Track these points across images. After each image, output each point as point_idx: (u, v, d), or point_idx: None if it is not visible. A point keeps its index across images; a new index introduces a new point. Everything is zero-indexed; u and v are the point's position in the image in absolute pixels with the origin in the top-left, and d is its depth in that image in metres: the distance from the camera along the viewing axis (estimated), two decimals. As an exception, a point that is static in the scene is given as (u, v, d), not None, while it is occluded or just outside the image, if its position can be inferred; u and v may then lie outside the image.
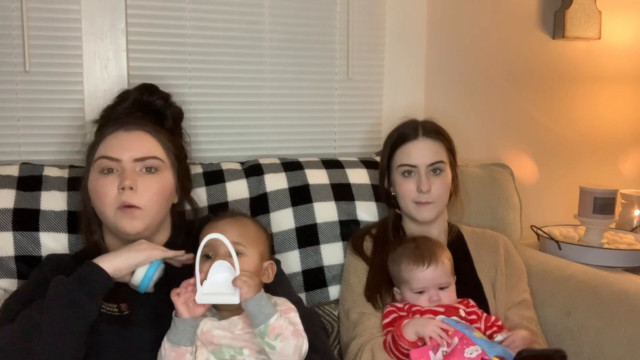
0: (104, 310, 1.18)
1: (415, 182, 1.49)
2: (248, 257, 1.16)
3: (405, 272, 1.38)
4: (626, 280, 1.59)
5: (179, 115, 1.43)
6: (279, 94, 1.87)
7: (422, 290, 1.37)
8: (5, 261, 1.38)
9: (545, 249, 1.94)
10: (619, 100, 2.34)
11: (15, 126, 1.63)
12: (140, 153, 1.24)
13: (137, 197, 1.21)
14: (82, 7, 1.63)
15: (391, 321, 1.37)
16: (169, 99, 1.42)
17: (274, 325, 1.07)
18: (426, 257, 1.37)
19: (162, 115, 1.39)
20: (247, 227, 1.20)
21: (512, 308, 1.50)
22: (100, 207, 1.23)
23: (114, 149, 1.24)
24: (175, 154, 1.33)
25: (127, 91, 1.40)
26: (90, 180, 1.25)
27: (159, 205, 1.26)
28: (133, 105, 1.36)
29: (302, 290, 1.59)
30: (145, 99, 1.37)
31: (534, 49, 2.19)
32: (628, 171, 2.39)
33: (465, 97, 2.12)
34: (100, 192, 1.22)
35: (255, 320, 1.07)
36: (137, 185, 1.21)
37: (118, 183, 1.21)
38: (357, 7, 1.91)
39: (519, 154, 2.21)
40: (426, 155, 1.49)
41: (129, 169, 1.22)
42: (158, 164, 1.26)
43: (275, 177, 1.64)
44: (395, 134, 1.56)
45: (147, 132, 1.28)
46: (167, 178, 1.28)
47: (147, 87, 1.41)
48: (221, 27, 1.78)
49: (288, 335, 1.08)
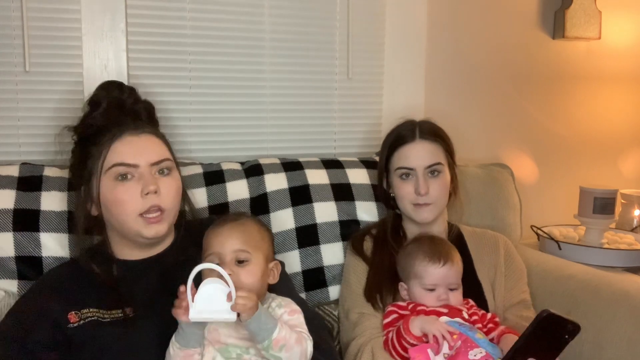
0: (107, 319, 1.19)
1: (413, 184, 1.49)
2: (254, 264, 1.15)
3: (419, 267, 1.38)
4: (626, 280, 1.59)
5: (150, 107, 1.39)
6: (279, 94, 1.87)
7: (432, 288, 1.37)
8: (5, 261, 1.37)
9: (545, 249, 1.94)
10: (618, 101, 2.34)
11: (15, 126, 1.63)
12: (156, 157, 1.24)
13: (161, 200, 1.22)
14: (82, 7, 1.63)
15: (392, 321, 1.37)
16: (136, 92, 1.38)
17: (277, 339, 1.07)
18: (443, 255, 1.38)
19: (136, 112, 1.34)
20: (251, 230, 1.19)
21: (511, 308, 1.50)
22: (121, 215, 1.21)
23: (128, 155, 1.22)
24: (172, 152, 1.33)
25: (95, 95, 1.34)
26: (105, 189, 1.22)
27: (178, 205, 1.28)
28: (108, 106, 1.31)
29: (302, 290, 1.59)
30: (117, 96, 1.33)
31: (534, 49, 2.19)
32: (628, 171, 2.39)
33: (465, 97, 2.12)
34: (120, 200, 1.20)
35: (258, 337, 1.07)
36: (159, 189, 1.22)
37: (141, 189, 1.20)
38: (357, 7, 1.91)
39: (519, 154, 2.21)
40: (423, 157, 1.49)
41: (148, 173, 1.22)
42: (171, 165, 1.27)
43: (275, 177, 1.64)
44: (392, 135, 1.56)
45: (152, 133, 1.28)
46: (178, 177, 1.29)
47: (112, 84, 1.37)
48: (221, 27, 1.78)
49: (292, 345, 1.08)
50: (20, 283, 1.37)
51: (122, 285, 1.23)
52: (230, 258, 1.14)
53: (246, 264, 1.15)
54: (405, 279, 1.42)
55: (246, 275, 1.14)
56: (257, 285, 1.15)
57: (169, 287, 1.23)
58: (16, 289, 1.37)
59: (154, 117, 1.40)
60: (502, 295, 1.51)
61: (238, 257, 1.15)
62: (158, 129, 1.34)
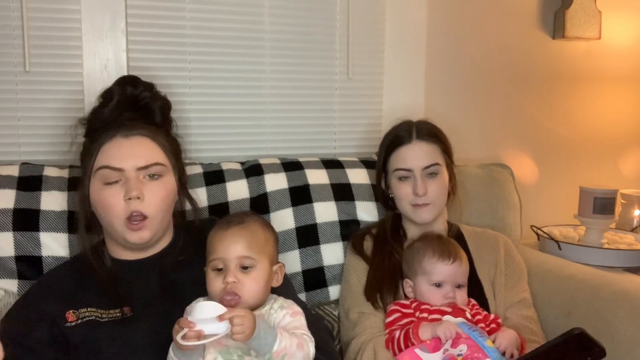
0: (105, 318, 1.19)
1: (411, 185, 1.49)
2: (258, 270, 1.15)
3: (427, 263, 1.38)
4: (626, 280, 1.59)
5: (166, 106, 1.37)
6: (279, 94, 1.87)
7: (440, 284, 1.37)
8: (5, 261, 1.37)
9: (545, 249, 1.94)
10: (619, 101, 2.34)
11: (15, 126, 1.63)
12: (143, 161, 1.21)
13: (144, 206, 1.19)
14: (82, 7, 1.63)
15: (394, 320, 1.37)
16: (153, 89, 1.36)
17: (278, 351, 1.07)
18: (452, 253, 1.39)
19: (150, 110, 1.33)
20: (256, 233, 1.18)
21: (511, 307, 1.50)
22: (108, 218, 1.20)
23: (115, 158, 1.20)
24: (173, 153, 1.30)
25: (109, 90, 1.33)
26: (93, 190, 1.22)
27: (165, 211, 1.25)
28: (119, 103, 1.30)
29: (302, 290, 1.59)
30: (130, 93, 1.32)
31: (534, 49, 2.19)
32: (628, 171, 2.39)
33: (465, 97, 2.12)
34: (105, 204, 1.19)
35: (260, 352, 1.07)
36: (143, 194, 1.19)
37: (124, 194, 1.18)
38: (357, 7, 1.91)
39: (519, 154, 2.21)
40: (421, 158, 1.49)
41: (133, 178, 1.20)
42: (161, 169, 1.24)
43: (275, 177, 1.64)
44: (389, 137, 1.56)
45: (146, 136, 1.25)
46: (170, 182, 1.26)
47: (128, 79, 1.36)
48: (221, 27, 1.78)
49: (294, 352, 1.08)
50: (20, 283, 1.38)
51: (120, 284, 1.23)
52: (235, 264, 1.14)
53: (251, 270, 1.14)
54: (412, 275, 1.42)
55: (251, 282, 1.14)
56: (261, 291, 1.16)
57: (168, 287, 1.23)
58: (16, 289, 1.37)
59: (167, 116, 1.37)
60: (502, 294, 1.51)
61: (242, 263, 1.14)
62: (167, 130, 1.33)
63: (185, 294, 1.19)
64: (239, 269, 1.14)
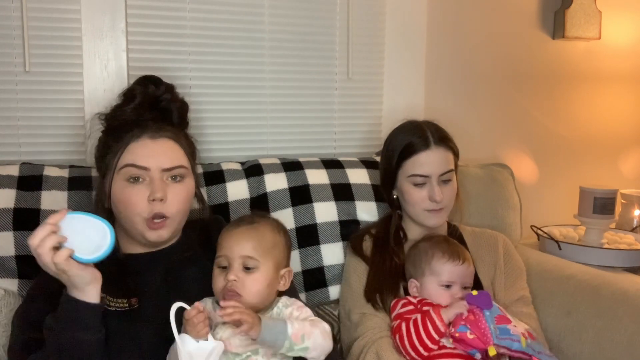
0: (113, 308, 1.19)
1: (427, 191, 1.48)
2: (260, 272, 1.16)
3: (437, 264, 1.38)
4: (626, 280, 1.59)
5: (184, 107, 1.40)
6: (279, 94, 1.87)
7: (449, 284, 1.37)
8: (5, 261, 1.38)
9: (545, 249, 1.94)
10: (618, 101, 2.34)
11: (15, 126, 1.63)
12: (169, 163, 1.24)
13: (166, 207, 1.22)
14: (82, 7, 1.63)
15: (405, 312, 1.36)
16: (174, 90, 1.39)
17: (294, 333, 1.08)
18: (461, 254, 1.40)
19: (169, 111, 1.36)
20: (264, 236, 1.19)
21: (510, 305, 1.49)
22: (130, 216, 1.22)
23: (141, 158, 1.22)
24: (192, 154, 1.33)
25: (131, 88, 1.36)
26: (116, 187, 1.24)
27: (185, 212, 1.28)
28: (141, 103, 1.32)
29: (302, 290, 1.59)
30: (152, 93, 1.34)
31: (534, 49, 2.19)
32: (628, 171, 2.39)
33: (465, 97, 2.12)
34: (128, 202, 1.21)
35: (277, 343, 1.08)
36: (166, 196, 1.21)
37: (149, 194, 1.20)
38: (357, 7, 1.91)
39: (519, 154, 2.21)
40: (438, 165, 1.48)
41: (158, 179, 1.22)
42: (184, 172, 1.27)
43: (275, 177, 1.64)
44: (402, 142, 1.51)
45: (171, 139, 1.27)
46: (190, 184, 1.29)
47: (150, 79, 1.38)
48: (221, 27, 1.78)
49: (310, 330, 1.10)
50: (20, 282, 1.37)
51: (129, 276, 1.24)
52: (238, 263, 1.15)
53: (253, 271, 1.15)
54: (419, 275, 1.41)
55: (251, 282, 1.15)
56: (262, 293, 1.16)
57: (173, 282, 1.24)
58: (16, 288, 1.37)
59: (185, 118, 1.40)
60: (502, 293, 1.51)
61: (245, 263, 1.15)
62: (185, 132, 1.35)
63: (189, 289, 1.21)
64: (241, 268, 1.15)
